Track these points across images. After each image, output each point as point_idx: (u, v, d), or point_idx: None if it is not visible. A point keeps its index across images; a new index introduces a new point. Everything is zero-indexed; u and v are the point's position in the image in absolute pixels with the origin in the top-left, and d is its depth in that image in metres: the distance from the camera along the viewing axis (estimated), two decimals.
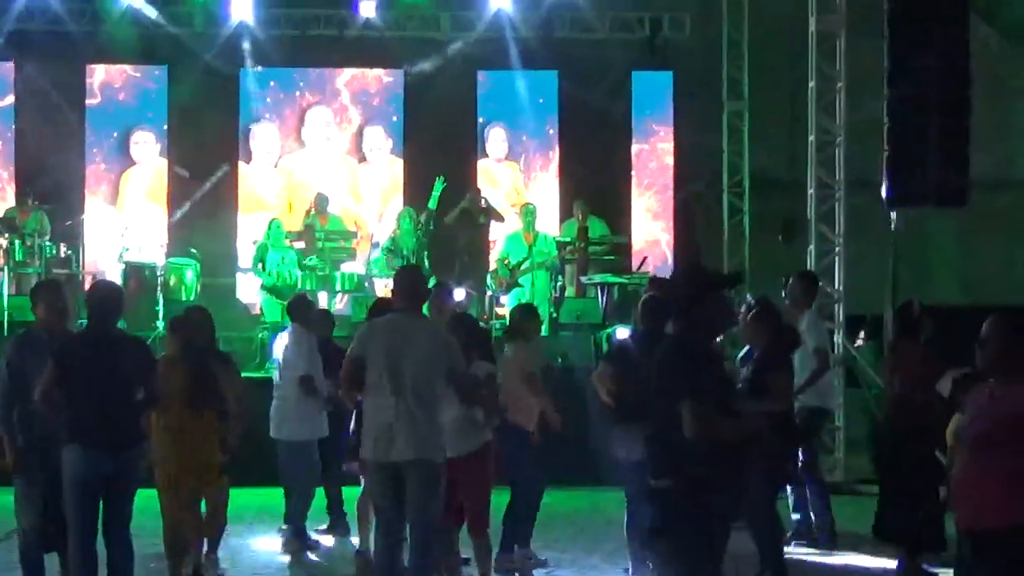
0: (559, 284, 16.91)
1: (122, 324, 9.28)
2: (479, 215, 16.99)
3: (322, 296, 16.27)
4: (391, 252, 16.59)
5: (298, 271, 16.40)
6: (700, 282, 6.79)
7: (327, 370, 10.78)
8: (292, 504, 11.05)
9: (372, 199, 19.35)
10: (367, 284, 16.99)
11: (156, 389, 8.33)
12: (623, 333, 13.30)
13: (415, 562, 8.16)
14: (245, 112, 19.13)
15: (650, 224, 19.48)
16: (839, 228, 15.43)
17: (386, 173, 19.40)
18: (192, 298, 16.22)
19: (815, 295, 11.97)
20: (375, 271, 16.91)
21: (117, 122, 19.08)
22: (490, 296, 16.58)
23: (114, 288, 8.98)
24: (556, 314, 16.52)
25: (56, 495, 8.16)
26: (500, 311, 16.29)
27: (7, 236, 16.28)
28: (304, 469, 10.94)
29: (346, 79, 19.45)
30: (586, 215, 17.43)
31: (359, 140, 19.43)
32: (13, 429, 8.38)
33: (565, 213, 18.50)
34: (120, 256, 16.78)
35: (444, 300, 10.32)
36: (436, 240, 16.83)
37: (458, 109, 19.08)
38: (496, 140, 19.49)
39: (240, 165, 19.05)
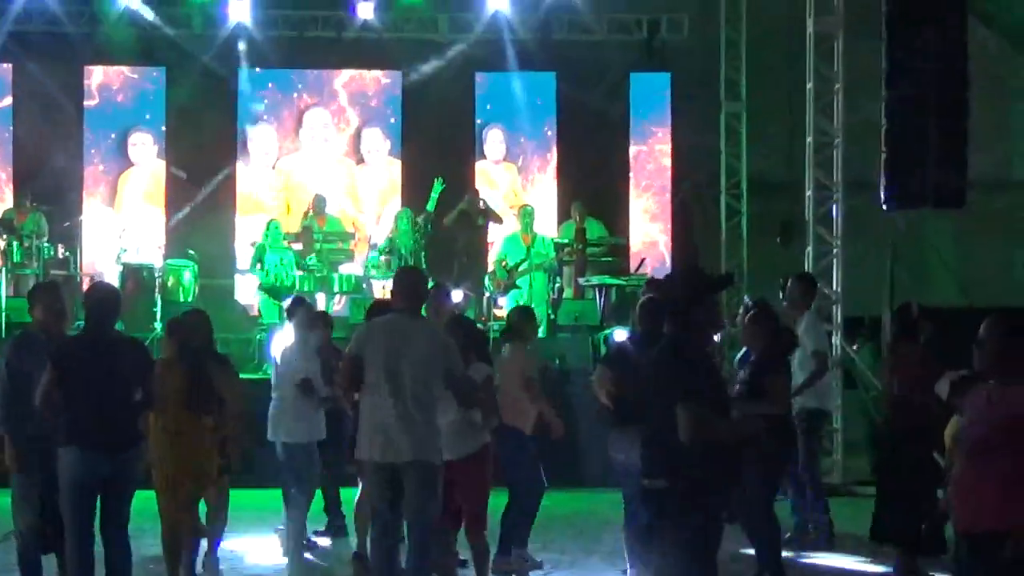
0: (557, 286, 16.91)
1: (120, 325, 9.29)
2: (478, 216, 16.99)
3: (320, 297, 16.26)
4: (388, 252, 16.59)
5: (296, 272, 16.38)
6: (697, 283, 6.78)
7: (325, 372, 10.78)
8: (290, 505, 11.04)
9: (370, 201, 19.34)
10: (365, 286, 16.96)
11: (154, 390, 8.34)
12: (621, 335, 13.30)
13: (413, 564, 8.15)
14: (243, 114, 19.13)
15: (648, 225, 19.48)
16: (837, 230, 15.43)
17: (384, 175, 19.40)
18: (190, 299, 16.22)
19: (814, 297, 11.97)
20: (372, 272, 16.89)
21: (115, 123, 19.08)
22: (488, 297, 16.57)
23: (111, 290, 8.98)
24: (554, 316, 16.52)
25: (54, 496, 8.17)
26: (498, 312, 16.29)
27: (5, 237, 16.26)
28: (302, 471, 10.92)
29: (344, 80, 19.45)
30: (584, 216, 17.42)
31: (357, 141, 19.42)
32: (14, 430, 8.39)
33: (563, 214, 18.50)
34: (118, 257, 16.76)
35: (442, 301, 10.33)
36: (433, 241, 16.82)
37: (456, 111, 19.08)
38: (494, 142, 19.48)
39: (238, 166, 19.05)
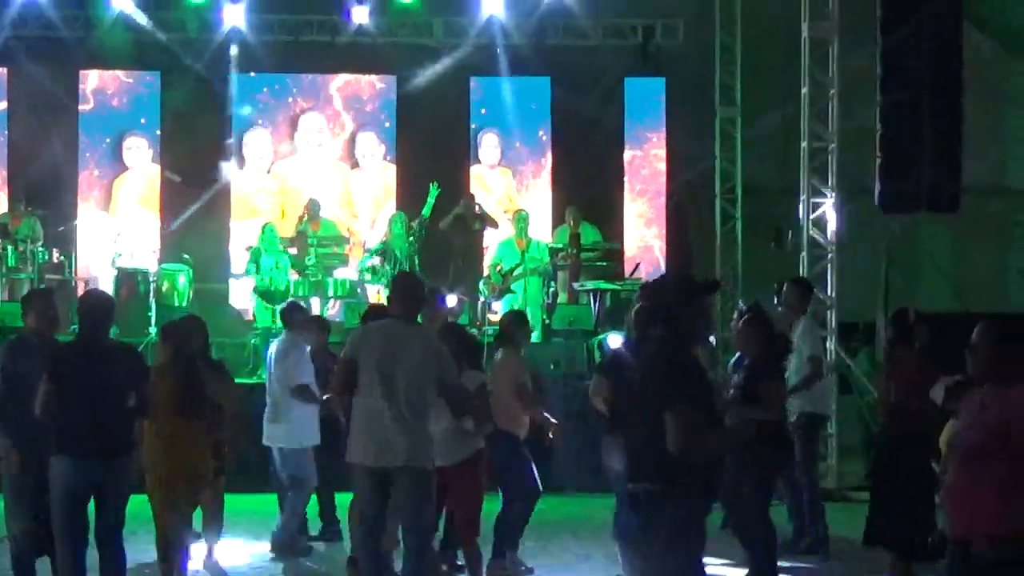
0: (551, 290, 16.91)
1: (114, 330, 9.29)
2: (473, 221, 16.98)
3: (314, 302, 16.24)
4: (380, 255, 16.57)
5: (292, 276, 16.35)
6: (690, 288, 6.78)
7: (320, 376, 10.78)
8: (285, 510, 11.05)
9: (365, 205, 19.33)
10: (360, 290, 16.94)
11: (148, 397, 8.33)
12: (615, 340, 13.29)
13: (410, 567, 8.17)
14: (238, 118, 19.12)
15: (643, 230, 19.48)
16: (832, 235, 15.43)
17: (379, 179, 19.39)
18: (184, 304, 16.20)
19: (809, 301, 11.96)
20: (366, 276, 16.87)
21: (110, 128, 19.08)
22: (482, 302, 16.56)
23: (105, 297, 8.98)
24: (548, 320, 16.51)
25: (47, 499, 8.16)
26: (493, 317, 16.27)
27: None
28: (297, 476, 10.93)
29: (339, 85, 19.44)
30: (578, 221, 17.40)
31: (352, 146, 19.42)
32: (13, 433, 8.39)
33: (558, 219, 18.48)
34: (112, 262, 16.74)
35: (437, 306, 10.31)
36: (428, 245, 16.80)
37: (451, 115, 19.09)
38: (489, 146, 19.48)
39: (233, 171, 19.03)
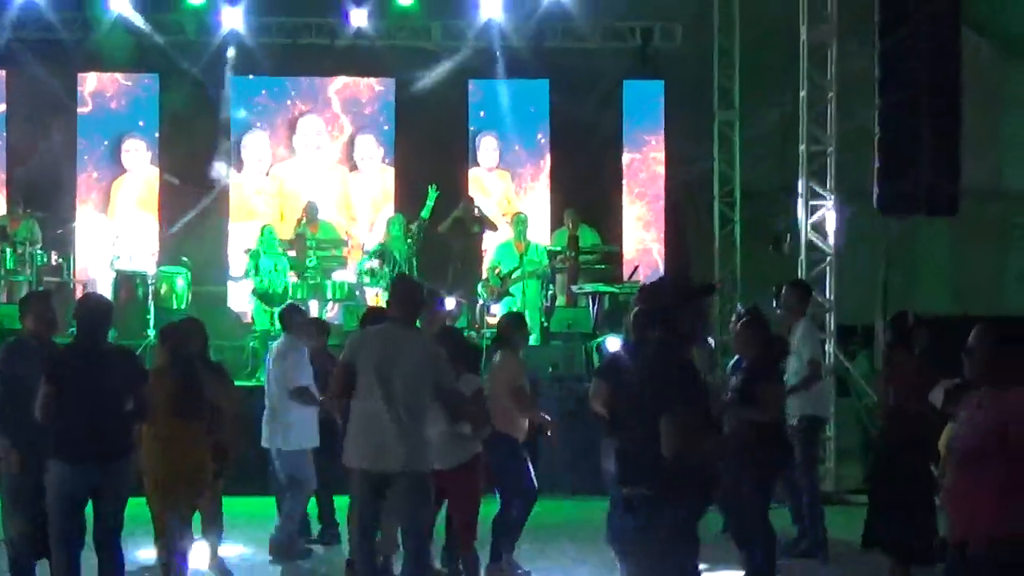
0: (550, 293, 16.90)
1: (113, 333, 9.28)
2: (472, 224, 16.97)
3: (313, 305, 16.24)
4: (379, 257, 16.57)
5: (291, 278, 16.34)
6: (687, 290, 6.78)
7: (319, 379, 10.77)
8: (283, 513, 11.03)
9: (363, 208, 19.32)
10: (358, 293, 16.93)
11: (146, 400, 8.32)
12: (614, 342, 13.28)
13: (409, 570, 8.19)
14: (236, 120, 19.11)
15: (641, 233, 19.47)
16: (830, 238, 15.43)
17: (377, 182, 19.39)
18: (183, 306, 16.21)
19: (808, 303, 11.95)
20: (364, 278, 16.86)
21: (108, 130, 19.08)
22: (481, 305, 16.56)
23: (103, 301, 8.97)
24: (547, 323, 16.50)
25: (45, 503, 8.16)
26: (491, 320, 16.26)
27: None
28: (296, 478, 10.92)
29: (337, 88, 19.44)
30: (577, 224, 17.41)
31: (350, 149, 19.42)
32: (13, 434, 8.39)
33: (556, 222, 18.49)
34: (111, 264, 16.74)
35: (435, 309, 10.29)
36: (426, 248, 16.79)
37: (449, 118, 19.07)
38: (487, 149, 19.47)
39: (231, 173, 19.03)
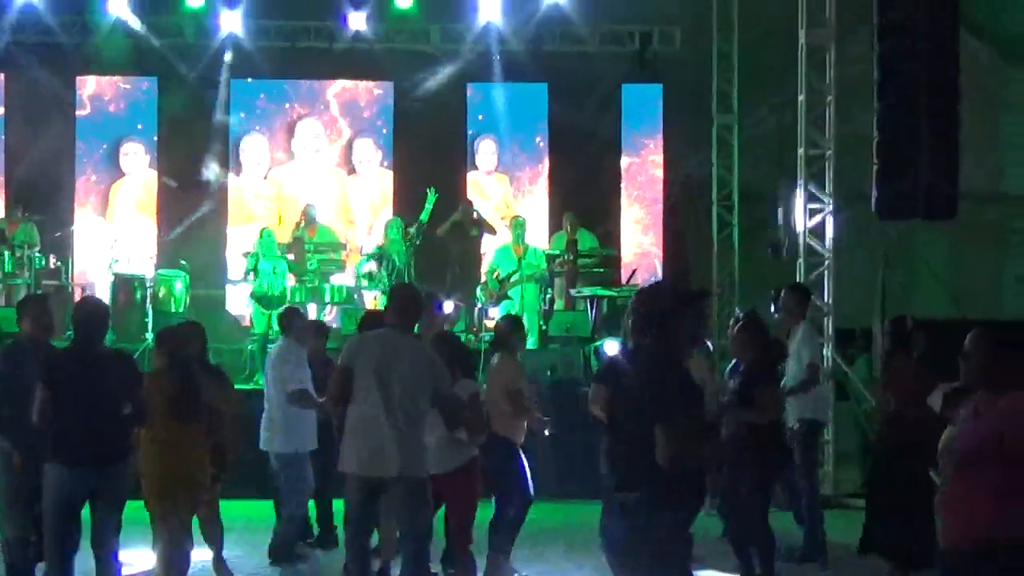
0: (548, 297, 16.89)
1: (111, 336, 9.28)
2: (471, 227, 16.98)
3: (311, 308, 16.24)
4: (377, 260, 16.56)
5: (289, 281, 16.33)
6: (686, 293, 6.79)
7: (318, 382, 10.76)
8: (282, 516, 11.03)
9: (362, 211, 19.33)
10: (356, 296, 16.94)
11: (144, 404, 8.32)
12: (612, 346, 13.28)
13: (408, 573, 8.21)
14: (235, 124, 19.11)
15: (640, 237, 19.48)
16: (829, 241, 15.42)
17: (376, 185, 19.39)
18: (181, 310, 16.20)
19: (807, 307, 11.95)
20: (362, 281, 16.85)
21: (107, 133, 19.09)
22: (479, 309, 16.56)
23: (100, 305, 8.97)
24: (545, 327, 16.50)
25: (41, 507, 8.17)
26: (489, 324, 16.26)
27: None
28: (294, 481, 10.91)
29: (336, 91, 19.46)
30: (575, 228, 17.40)
31: (349, 152, 19.43)
32: (12, 435, 8.40)
33: (554, 226, 18.49)
34: (109, 267, 16.74)
35: (434, 313, 10.30)
36: (424, 251, 16.79)
37: (448, 121, 19.09)
38: (486, 153, 19.48)
39: (230, 177, 19.03)
